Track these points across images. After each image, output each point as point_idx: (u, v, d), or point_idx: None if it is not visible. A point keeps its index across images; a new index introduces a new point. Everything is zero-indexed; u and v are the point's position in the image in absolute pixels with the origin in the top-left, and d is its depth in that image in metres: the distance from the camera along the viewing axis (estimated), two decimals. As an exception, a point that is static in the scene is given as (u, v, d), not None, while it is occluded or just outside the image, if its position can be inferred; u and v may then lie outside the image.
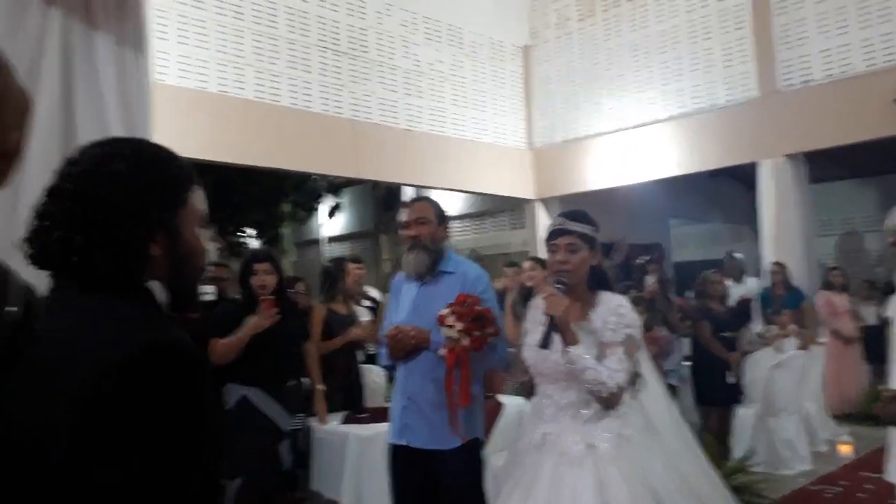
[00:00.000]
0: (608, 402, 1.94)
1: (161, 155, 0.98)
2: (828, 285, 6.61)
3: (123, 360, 0.79)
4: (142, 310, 0.92)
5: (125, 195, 0.91)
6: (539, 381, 2.14)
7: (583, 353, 1.93)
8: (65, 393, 0.78)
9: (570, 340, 1.94)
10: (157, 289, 0.98)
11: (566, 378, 2.02)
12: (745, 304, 5.42)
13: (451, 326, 2.18)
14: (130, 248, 0.91)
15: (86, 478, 0.76)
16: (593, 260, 2.12)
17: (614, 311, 2.03)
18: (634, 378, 2.17)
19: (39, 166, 2.14)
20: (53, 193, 0.92)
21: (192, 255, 1.00)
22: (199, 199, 1.02)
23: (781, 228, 6.35)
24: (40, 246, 0.91)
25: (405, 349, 2.35)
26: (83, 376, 0.78)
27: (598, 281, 2.15)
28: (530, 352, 2.10)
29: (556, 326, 1.95)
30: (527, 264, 4.73)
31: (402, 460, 2.42)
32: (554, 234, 2.11)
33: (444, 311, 2.21)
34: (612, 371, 1.92)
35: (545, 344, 1.95)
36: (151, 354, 0.81)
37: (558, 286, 2.02)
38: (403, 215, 2.52)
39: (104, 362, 0.79)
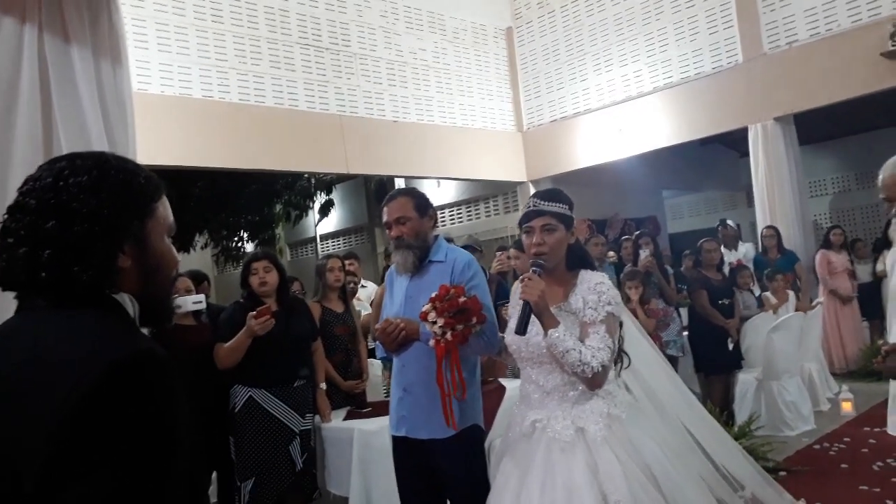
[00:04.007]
0: (593, 381, 1.90)
1: (124, 166, 0.96)
2: (827, 244, 6.61)
3: (99, 376, 0.78)
4: (113, 323, 0.90)
5: (90, 207, 0.89)
6: (523, 365, 2.10)
7: (563, 335, 1.88)
8: (40, 413, 0.77)
9: (548, 324, 1.89)
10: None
11: (549, 361, 1.98)
12: (737, 269, 5.44)
13: (433, 323, 2.12)
14: (99, 260, 0.89)
15: (63, 494, 0.74)
16: (570, 239, 2.07)
17: (594, 289, 1.98)
18: (619, 355, 2.12)
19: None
20: (16, 210, 0.90)
21: (162, 265, 0.99)
22: (166, 210, 1.01)
23: (774, 192, 6.35)
24: (5, 264, 0.88)
25: (396, 341, 2.34)
26: (59, 394, 0.77)
27: (578, 260, 2.10)
28: (512, 336, 2.05)
29: (533, 311, 1.90)
30: (513, 251, 4.75)
31: (403, 451, 2.43)
32: (528, 216, 2.05)
33: (426, 307, 2.14)
34: (594, 350, 1.88)
35: (520, 329, 1.91)
36: (126, 369, 0.80)
37: (535, 269, 1.97)
38: (384, 215, 2.46)
39: (80, 379, 0.78)
